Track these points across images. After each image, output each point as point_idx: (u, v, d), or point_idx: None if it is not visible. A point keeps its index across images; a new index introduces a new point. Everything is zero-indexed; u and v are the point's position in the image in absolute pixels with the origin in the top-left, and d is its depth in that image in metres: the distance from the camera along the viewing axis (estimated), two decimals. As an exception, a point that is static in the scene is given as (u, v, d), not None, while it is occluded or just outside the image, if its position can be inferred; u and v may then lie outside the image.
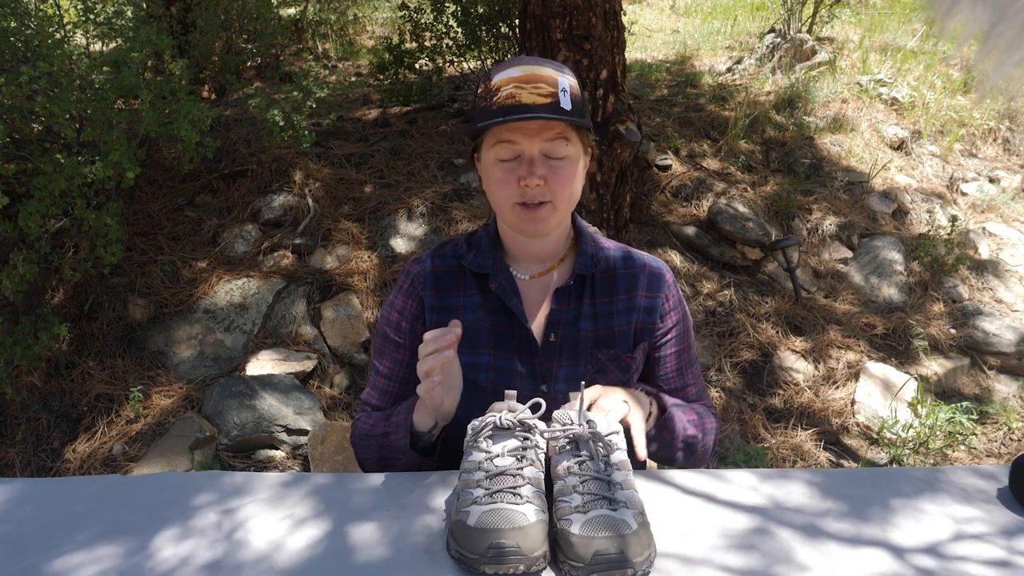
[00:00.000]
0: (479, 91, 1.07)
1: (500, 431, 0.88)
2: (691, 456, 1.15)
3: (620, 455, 0.88)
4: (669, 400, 1.14)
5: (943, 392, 3.21)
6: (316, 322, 3.13)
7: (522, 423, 0.88)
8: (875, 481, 1.01)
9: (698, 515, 0.93)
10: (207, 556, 0.84)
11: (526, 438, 0.87)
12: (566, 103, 1.01)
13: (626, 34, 3.51)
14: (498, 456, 0.85)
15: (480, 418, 0.90)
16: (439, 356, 0.94)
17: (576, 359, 1.12)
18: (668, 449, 1.11)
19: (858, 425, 2.95)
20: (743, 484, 1.00)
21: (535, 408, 0.90)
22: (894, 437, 2.84)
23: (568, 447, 0.87)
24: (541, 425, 0.90)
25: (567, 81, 1.04)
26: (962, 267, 3.84)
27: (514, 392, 0.94)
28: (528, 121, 1.01)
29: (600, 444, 0.87)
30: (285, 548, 0.85)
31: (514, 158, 1.04)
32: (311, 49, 6.01)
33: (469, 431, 0.90)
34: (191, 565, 0.82)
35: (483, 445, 0.87)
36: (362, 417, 1.18)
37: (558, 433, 0.88)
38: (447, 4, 4.60)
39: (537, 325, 1.14)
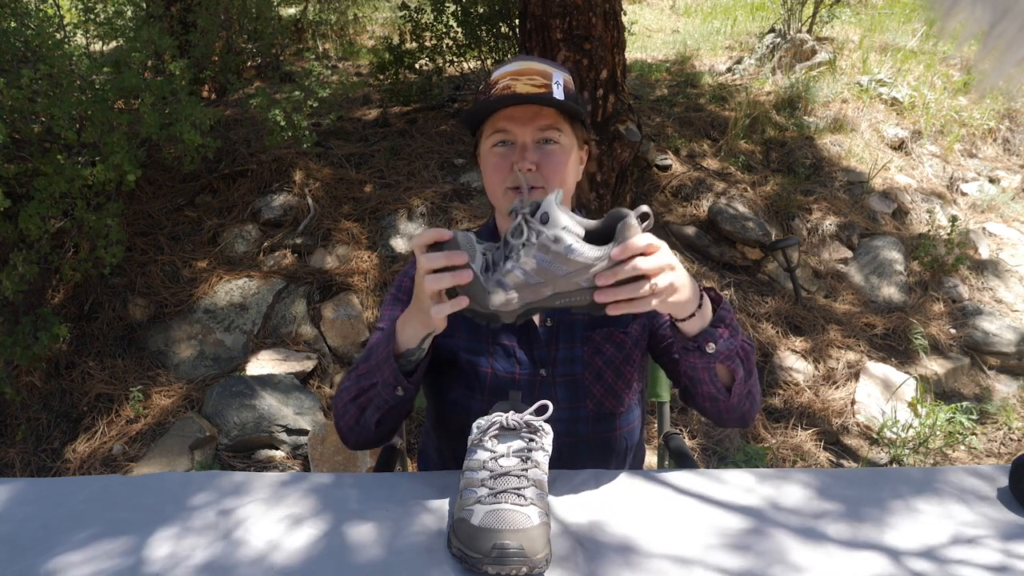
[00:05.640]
0: (480, 87, 1.11)
1: (506, 431, 0.88)
2: (749, 374, 1.03)
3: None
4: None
5: (943, 392, 3.21)
6: (316, 322, 3.13)
7: (528, 424, 0.88)
8: (873, 481, 1.01)
9: (694, 515, 0.93)
10: (207, 555, 0.84)
11: (531, 439, 0.87)
12: (559, 94, 1.06)
13: (626, 34, 3.51)
14: (503, 456, 0.86)
15: (486, 417, 0.90)
16: (459, 275, 0.84)
17: (572, 341, 1.13)
18: (727, 348, 0.96)
19: (858, 425, 2.95)
20: (739, 484, 1.00)
21: (541, 410, 0.90)
22: (894, 437, 2.84)
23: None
24: (547, 428, 0.90)
25: (562, 76, 1.09)
26: (962, 267, 3.84)
27: (519, 393, 0.94)
28: (521, 109, 1.06)
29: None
30: (284, 548, 0.85)
31: (508, 145, 1.08)
32: (312, 49, 6.01)
33: (474, 430, 0.90)
34: (191, 565, 0.82)
35: (488, 444, 0.87)
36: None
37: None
38: (447, 4, 4.60)
39: None
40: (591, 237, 0.87)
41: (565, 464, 1.03)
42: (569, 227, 0.83)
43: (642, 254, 0.83)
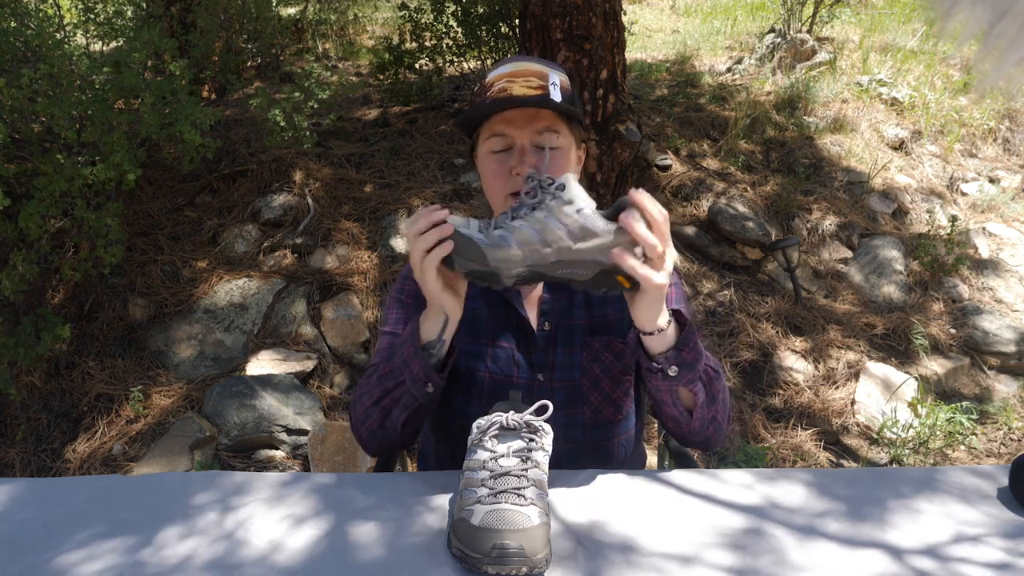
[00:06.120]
0: (475, 90, 1.10)
1: (506, 431, 0.88)
2: (712, 400, 1.03)
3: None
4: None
5: (943, 392, 3.21)
6: (316, 322, 3.13)
7: (528, 424, 0.88)
8: (873, 481, 1.01)
9: (694, 515, 0.93)
10: (207, 556, 0.84)
11: (531, 439, 0.87)
12: (556, 95, 1.05)
13: (626, 34, 3.51)
14: (503, 456, 0.85)
15: (486, 417, 0.90)
16: (442, 228, 0.88)
17: (571, 347, 1.13)
18: (690, 372, 0.97)
19: (858, 425, 2.95)
20: (739, 484, 1.00)
21: (541, 410, 0.90)
22: (894, 437, 2.84)
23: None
24: (547, 428, 0.90)
25: (558, 76, 1.08)
26: (962, 267, 3.84)
27: (519, 393, 0.94)
28: (518, 112, 1.05)
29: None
30: (285, 547, 0.85)
31: (506, 149, 1.07)
32: (312, 49, 6.01)
33: (474, 429, 0.90)
34: (191, 565, 0.82)
35: (488, 444, 0.87)
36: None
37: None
38: (447, 4, 4.60)
39: (531, 315, 1.15)
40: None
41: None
42: (585, 199, 0.87)
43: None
